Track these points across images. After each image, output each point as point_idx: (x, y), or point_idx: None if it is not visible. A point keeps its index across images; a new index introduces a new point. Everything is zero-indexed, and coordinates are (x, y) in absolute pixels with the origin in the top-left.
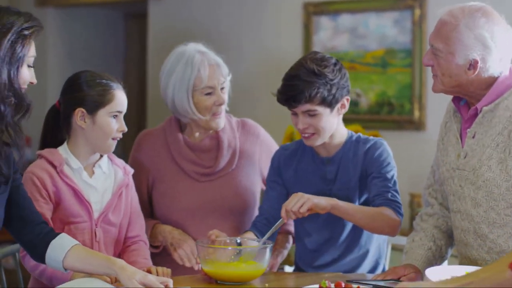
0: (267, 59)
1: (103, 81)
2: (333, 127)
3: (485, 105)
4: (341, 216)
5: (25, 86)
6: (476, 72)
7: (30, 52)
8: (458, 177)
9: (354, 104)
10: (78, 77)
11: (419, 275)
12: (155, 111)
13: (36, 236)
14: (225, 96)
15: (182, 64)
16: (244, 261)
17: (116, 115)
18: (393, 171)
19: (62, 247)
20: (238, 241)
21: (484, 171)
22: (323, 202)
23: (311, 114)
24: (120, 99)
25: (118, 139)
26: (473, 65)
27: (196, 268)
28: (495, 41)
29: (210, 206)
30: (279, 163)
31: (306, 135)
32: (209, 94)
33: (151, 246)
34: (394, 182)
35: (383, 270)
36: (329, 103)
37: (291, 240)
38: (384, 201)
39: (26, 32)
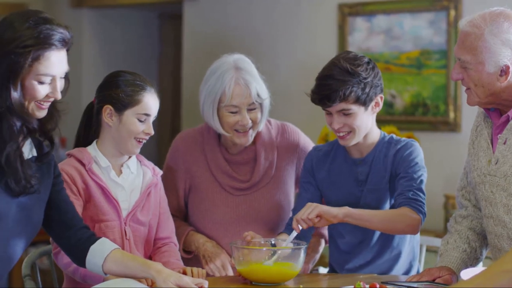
0: (301, 60)
1: (136, 82)
2: (368, 126)
3: None
4: (357, 223)
5: (34, 101)
6: (508, 78)
7: (36, 70)
8: (490, 183)
9: (389, 105)
10: (113, 75)
11: (454, 277)
12: (190, 112)
13: (77, 241)
14: (258, 116)
15: (215, 76)
16: (278, 262)
17: (143, 118)
18: (421, 171)
19: (101, 253)
20: (273, 242)
21: None
22: (334, 210)
23: (346, 113)
24: (149, 102)
25: (143, 141)
26: (504, 70)
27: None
28: None
29: (244, 220)
30: (312, 164)
31: (341, 134)
32: (233, 112)
33: (184, 251)
34: (420, 181)
35: (417, 272)
36: (363, 102)
37: (323, 243)
38: (404, 200)
39: (21, 51)
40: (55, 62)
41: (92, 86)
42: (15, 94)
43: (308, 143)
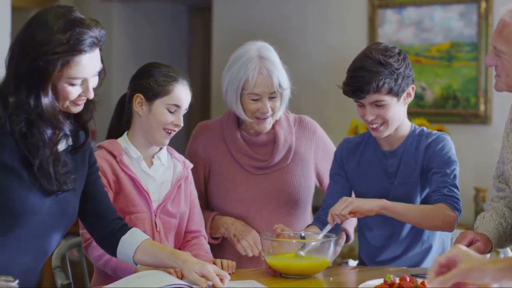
0: (332, 53)
1: (169, 73)
2: (400, 117)
3: None
4: (393, 216)
5: (68, 104)
6: None
7: (66, 74)
8: None
9: (419, 97)
10: (147, 66)
11: (489, 246)
12: (219, 105)
13: (109, 232)
14: (277, 104)
15: (239, 64)
16: (308, 254)
17: (173, 109)
18: (454, 166)
19: (131, 244)
20: (302, 234)
21: None
22: (369, 204)
23: (379, 105)
24: (180, 94)
25: (173, 133)
26: None
27: (260, 256)
28: None
29: (265, 198)
30: (342, 156)
31: (374, 126)
32: (254, 100)
33: (211, 237)
34: (454, 176)
35: None
36: (396, 93)
37: (344, 237)
38: (440, 196)
39: (51, 57)
40: (86, 65)
41: (121, 79)
42: (46, 100)
43: (324, 135)
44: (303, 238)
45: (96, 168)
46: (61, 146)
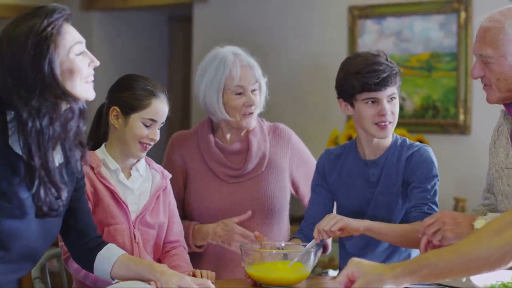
0: (312, 63)
1: (147, 87)
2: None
3: None
4: (376, 237)
5: (86, 74)
6: None
7: (67, 43)
8: (507, 177)
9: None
10: (126, 78)
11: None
12: (200, 115)
13: (87, 249)
14: (258, 98)
15: (215, 64)
16: (288, 265)
17: (149, 123)
18: (435, 181)
19: (108, 259)
20: (283, 245)
21: None
22: (356, 223)
23: (392, 99)
24: (157, 108)
25: (148, 147)
26: None
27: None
28: None
29: (239, 207)
30: (324, 167)
31: (386, 123)
32: (239, 94)
33: (195, 246)
34: (434, 193)
35: None
36: (399, 91)
37: (321, 249)
38: (419, 214)
39: (44, 34)
40: (73, 32)
41: (102, 89)
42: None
43: (299, 142)
44: (283, 249)
45: (83, 184)
46: (56, 160)
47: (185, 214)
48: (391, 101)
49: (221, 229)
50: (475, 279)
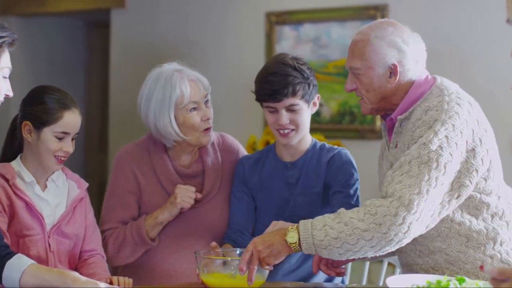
0: (229, 69)
1: (58, 100)
2: (307, 125)
3: (400, 114)
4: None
5: (1, 98)
6: (398, 78)
7: (2, 63)
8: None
9: (316, 113)
10: (36, 91)
11: None
12: (117, 121)
13: None
14: (211, 110)
15: (160, 86)
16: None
17: (61, 136)
18: (356, 185)
19: (17, 268)
20: (238, 252)
21: None
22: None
23: (292, 109)
24: (68, 120)
25: (64, 159)
26: (393, 70)
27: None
28: (407, 44)
29: (197, 233)
30: (244, 173)
31: (286, 131)
32: (194, 109)
33: (150, 240)
34: (357, 198)
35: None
36: (307, 99)
37: None
38: None
39: None
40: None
41: (17, 97)
42: None
43: (244, 151)
44: (239, 255)
45: None
46: None
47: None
48: (292, 111)
49: (168, 209)
50: (391, 283)
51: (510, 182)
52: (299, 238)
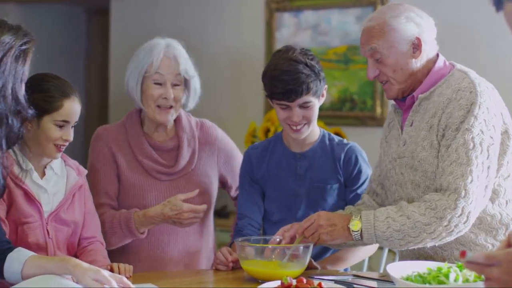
0: (229, 57)
1: (58, 88)
2: (316, 116)
3: (421, 93)
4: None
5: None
6: (422, 52)
7: (27, 66)
8: (399, 166)
9: None
10: (35, 79)
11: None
12: (117, 108)
13: None
14: (179, 94)
15: (144, 51)
16: (287, 260)
17: (61, 124)
18: (367, 181)
19: (18, 260)
20: (278, 239)
21: (419, 151)
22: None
23: (306, 106)
24: (69, 109)
25: (63, 147)
26: (416, 45)
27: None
28: (422, 17)
29: None
30: (251, 162)
31: (299, 127)
32: (158, 84)
33: (139, 233)
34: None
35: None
36: (318, 94)
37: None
38: None
39: (24, 47)
40: None
41: None
42: None
43: (225, 137)
44: (279, 243)
45: None
46: None
47: (119, 207)
48: (305, 108)
49: (169, 209)
50: (392, 269)
51: None
52: (361, 228)
